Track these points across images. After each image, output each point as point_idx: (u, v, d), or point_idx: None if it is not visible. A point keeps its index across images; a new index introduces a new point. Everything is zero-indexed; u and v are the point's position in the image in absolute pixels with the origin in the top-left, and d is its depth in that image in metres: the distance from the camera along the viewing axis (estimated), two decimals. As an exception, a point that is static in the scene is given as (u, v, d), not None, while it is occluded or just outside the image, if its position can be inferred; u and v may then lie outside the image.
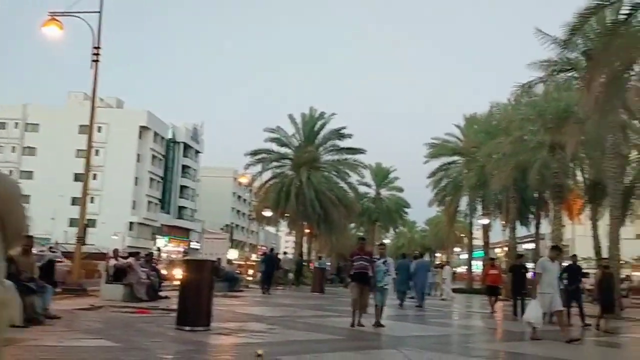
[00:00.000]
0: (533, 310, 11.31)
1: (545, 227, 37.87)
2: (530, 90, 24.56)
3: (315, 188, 37.08)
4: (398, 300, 19.61)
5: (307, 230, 42.91)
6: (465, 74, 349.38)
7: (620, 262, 23.02)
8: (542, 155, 27.41)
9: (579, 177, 30.99)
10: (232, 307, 15.85)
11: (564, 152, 25.02)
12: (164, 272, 21.35)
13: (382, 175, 60.97)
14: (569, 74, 23.00)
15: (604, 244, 23.87)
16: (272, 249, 31.12)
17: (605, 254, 23.35)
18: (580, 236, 47.71)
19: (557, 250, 12.63)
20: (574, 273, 15.98)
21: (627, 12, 15.15)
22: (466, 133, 43.76)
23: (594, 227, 29.56)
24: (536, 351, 10.56)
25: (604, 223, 23.97)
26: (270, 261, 25.24)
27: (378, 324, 11.89)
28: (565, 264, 16.52)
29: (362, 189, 56.00)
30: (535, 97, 27.82)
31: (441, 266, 42.91)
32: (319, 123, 40.30)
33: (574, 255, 17.69)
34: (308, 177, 37.27)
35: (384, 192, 61.80)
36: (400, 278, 19.04)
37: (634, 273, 45.53)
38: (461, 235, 60.79)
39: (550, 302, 11.26)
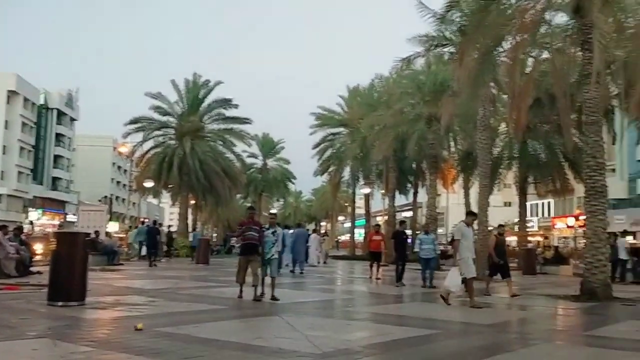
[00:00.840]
0: (453, 278, 11.32)
1: (423, 196, 39.85)
2: (410, 64, 25.41)
3: (199, 158, 36.26)
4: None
5: (192, 202, 42.07)
6: (356, 45, 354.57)
7: (489, 228, 24.74)
8: (420, 127, 28.66)
9: (453, 148, 32.83)
10: (111, 280, 15.27)
11: (439, 124, 26.26)
12: (37, 247, 20.07)
13: (269, 146, 60.95)
14: (446, 49, 24.05)
15: (475, 211, 25.45)
16: (154, 221, 30.72)
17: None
18: (454, 204, 50.78)
19: (473, 216, 13.03)
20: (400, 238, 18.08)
21: (498, -10, 15.97)
22: (350, 105, 44.69)
23: (466, 196, 31.51)
24: (414, 312, 11.14)
25: (475, 192, 25.54)
26: (152, 233, 24.79)
27: (273, 298, 11.31)
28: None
29: (249, 159, 55.85)
30: (415, 70, 28.89)
31: (326, 234, 43.98)
32: (204, 91, 39.19)
33: (402, 222, 20.06)
34: (192, 146, 36.35)
35: (271, 163, 61.96)
36: (298, 247, 20.99)
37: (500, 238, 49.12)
38: (345, 204, 62.50)
39: (472, 265, 11.54)
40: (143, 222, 35.73)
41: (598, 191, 14.18)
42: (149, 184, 37.58)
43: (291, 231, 21.86)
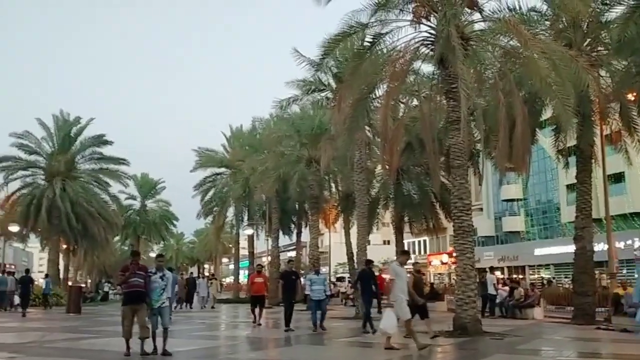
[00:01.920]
0: (389, 319, 11.00)
1: (306, 236, 40.26)
2: (288, 107, 25.97)
3: (71, 200, 34.34)
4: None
5: (63, 246, 39.58)
6: (241, 87, 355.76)
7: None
8: (301, 168, 29.15)
9: (334, 189, 33.64)
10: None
11: (319, 166, 26.88)
12: None
13: (148, 187, 59.08)
14: (323, 94, 24.88)
15: (356, 249, 26.08)
16: (27, 270, 28.34)
17: (355, 259, 25.58)
18: (337, 243, 51.64)
19: (406, 255, 13.30)
20: (367, 278, 15.56)
21: (370, 40, 16.84)
22: (232, 145, 44.62)
23: (347, 235, 32.25)
24: (301, 356, 11.07)
25: (355, 231, 26.19)
26: (26, 282, 25.04)
27: (165, 353, 10.19)
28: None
29: (127, 201, 53.74)
30: (293, 114, 29.54)
31: (214, 277, 43.00)
32: (75, 128, 37.42)
33: (369, 261, 17.15)
34: (63, 187, 34.43)
35: (150, 204, 60.02)
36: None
37: (383, 276, 50.60)
38: (229, 245, 61.60)
39: (406, 307, 11.23)
40: (4, 271, 32.46)
41: (465, 230, 15.08)
42: (14, 227, 34.94)
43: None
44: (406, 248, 42.00)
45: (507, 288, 23.63)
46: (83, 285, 46.08)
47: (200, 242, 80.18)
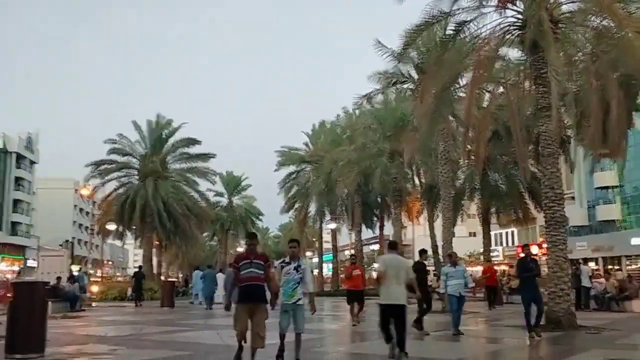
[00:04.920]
0: None
1: (389, 229, 40.08)
2: (370, 100, 25.86)
3: (163, 198, 35.83)
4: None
5: (156, 242, 41.40)
6: (326, 80, 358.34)
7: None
8: (383, 161, 28.98)
9: (417, 181, 33.25)
10: (72, 328, 14.81)
11: (402, 159, 26.62)
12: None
13: (233, 184, 60.69)
14: (405, 85, 24.60)
15: (440, 242, 25.70)
16: (140, 267, 31.60)
17: (440, 252, 25.23)
18: (420, 236, 51.09)
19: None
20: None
21: (453, 29, 16.49)
22: (314, 141, 45.01)
23: (431, 228, 31.83)
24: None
25: (440, 223, 25.81)
26: (139, 278, 27.93)
27: None
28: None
29: (215, 198, 55.49)
30: (374, 107, 29.37)
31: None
32: (167, 131, 39.07)
33: (422, 251, 14.65)
34: (155, 187, 35.96)
35: (236, 201, 61.63)
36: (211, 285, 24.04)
37: (467, 268, 49.61)
38: (313, 239, 62.32)
39: None
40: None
41: (558, 221, 14.50)
42: (111, 226, 36.91)
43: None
44: (494, 239, 41.01)
45: (602, 280, 22.56)
46: (175, 280, 48.08)
47: (285, 237, 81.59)
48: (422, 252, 14.48)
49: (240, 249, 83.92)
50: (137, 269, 30.96)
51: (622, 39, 13.93)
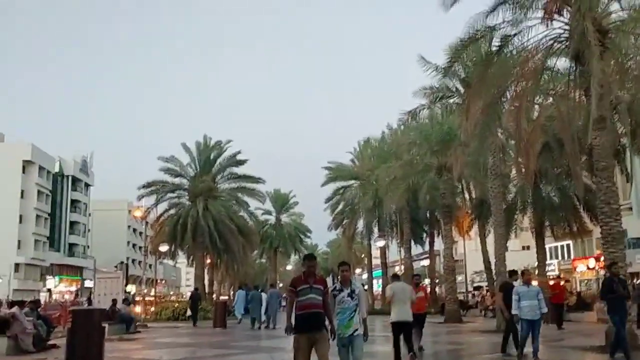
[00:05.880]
0: None
1: (439, 244, 39.54)
2: (416, 116, 25.70)
3: (213, 218, 36.44)
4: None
5: (208, 261, 42.04)
6: (369, 96, 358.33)
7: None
8: (430, 176, 28.72)
9: (467, 196, 32.73)
10: (128, 352, 15.14)
11: (450, 174, 26.30)
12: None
13: (281, 202, 61.20)
14: (451, 100, 24.35)
15: (493, 258, 25.14)
16: (196, 289, 32.85)
17: (493, 268, 24.64)
18: (472, 251, 50.18)
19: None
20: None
21: (499, 44, 16.30)
22: (361, 157, 45.02)
23: (482, 243, 31.19)
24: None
25: (492, 238, 25.28)
26: (195, 299, 28.93)
27: None
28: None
29: (263, 216, 56.05)
30: (421, 121, 29.16)
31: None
32: (215, 151, 39.83)
33: (512, 272, 14.38)
34: (205, 207, 36.60)
35: (284, 218, 62.12)
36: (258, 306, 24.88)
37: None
38: (361, 255, 62.06)
39: None
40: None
41: (615, 237, 14.01)
42: (163, 247, 37.71)
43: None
44: (549, 253, 39.84)
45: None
46: (226, 297, 48.56)
47: (333, 253, 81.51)
48: (512, 272, 13.86)
49: (290, 267, 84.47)
50: (193, 290, 31.95)
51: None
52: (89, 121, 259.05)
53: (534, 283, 14.41)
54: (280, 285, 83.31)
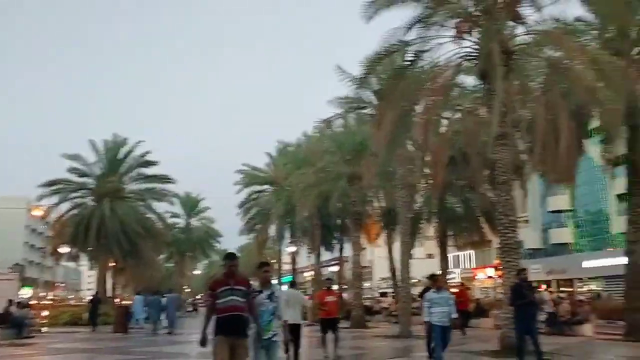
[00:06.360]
0: None
1: (349, 251, 40.15)
2: (330, 125, 26.06)
3: (120, 219, 35.12)
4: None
5: (111, 264, 40.43)
6: (289, 103, 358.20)
7: (412, 281, 25.24)
8: (342, 184, 29.13)
9: (376, 204, 33.47)
10: (18, 358, 14.29)
11: (361, 182, 26.83)
12: None
13: (191, 205, 60.08)
14: (365, 111, 24.89)
15: (399, 265, 25.85)
16: (97, 292, 32.45)
17: (399, 274, 25.35)
18: (380, 258, 51.41)
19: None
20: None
21: (411, 58, 16.86)
22: (276, 163, 44.92)
23: (389, 250, 32.02)
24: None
25: (398, 245, 25.98)
26: (95, 302, 28.41)
27: None
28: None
29: (172, 219, 54.68)
30: (336, 131, 29.62)
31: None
32: (124, 150, 38.39)
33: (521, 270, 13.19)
34: (112, 208, 35.24)
35: (195, 222, 60.95)
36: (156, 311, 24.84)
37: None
38: (272, 261, 61.89)
39: None
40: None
41: (512, 247, 14.79)
42: (64, 249, 35.96)
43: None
44: (451, 262, 41.45)
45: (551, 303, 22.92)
46: (130, 302, 46.90)
47: (244, 258, 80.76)
48: (521, 270, 12.95)
49: (198, 272, 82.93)
50: (93, 295, 31.22)
51: (572, 69, 14.45)
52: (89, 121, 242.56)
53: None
54: (189, 290, 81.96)
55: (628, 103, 15.49)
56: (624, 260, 18.75)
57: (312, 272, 40.03)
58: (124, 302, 39.25)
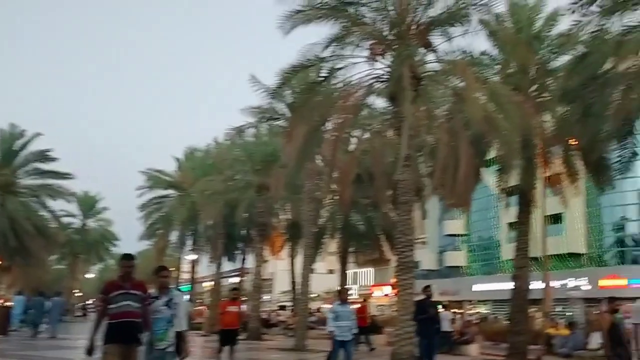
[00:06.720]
0: None
1: (251, 262, 39.88)
2: (242, 133, 25.99)
3: (9, 215, 33.01)
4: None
5: (-3, 262, 37.86)
6: (200, 108, 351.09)
7: (311, 295, 25.50)
8: (250, 194, 29.04)
9: (283, 217, 33.60)
10: None
11: (269, 193, 26.86)
12: None
13: (88, 205, 57.53)
14: (277, 122, 25.04)
15: (299, 279, 26.05)
16: None
17: (299, 288, 25.51)
18: (282, 270, 51.48)
19: None
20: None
21: (325, 74, 17.19)
22: (183, 168, 43.99)
23: (292, 263, 32.17)
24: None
25: (301, 259, 26.18)
26: None
27: None
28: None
29: (67, 219, 52.07)
30: (247, 140, 29.55)
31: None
32: (20, 142, 36.22)
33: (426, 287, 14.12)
34: (2, 202, 33.12)
35: (91, 223, 58.40)
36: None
37: (324, 305, 50.56)
38: (172, 269, 60.35)
39: None
40: None
41: (408, 266, 15.31)
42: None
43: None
44: (349, 278, 42.13)
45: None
46: (11, 303, 44.01)
47: (142, 264, 78.15)
48: (426, 288, 13.45)
49: (91, 275, 79.25)
50: None
51: (472, 100, 15.25)
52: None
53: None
54: (80, 294, 78.04)
55: (523, 136, 16.57)
56: (511, 285, 19.84)
57: (212, 282, 39.35)
58: (7, 303, 36.85)
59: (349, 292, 14.76)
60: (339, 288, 12.64)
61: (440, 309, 18.10)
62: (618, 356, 9.15)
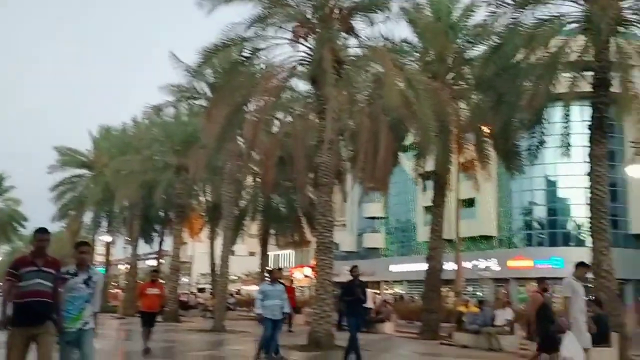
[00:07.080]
0: (572, 346, 8.96)
1: (169, 245, 39.13)
2: (160, 112, 25.31)
3: None
4: None
5: None
6: (117, 85, 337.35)
7: (231, 277, 25.40)
8: (169, 175, 28.40)
9: (202, 199, 33.14)
10: None
11: (188, 174, 26.37)
12: None
13: (-6, 183, 54.37)
14: (198, 102, 24.55)
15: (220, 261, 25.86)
16: None
17: (218, 270, 25.36)
18: (201, 253, 50.89)
19: (586, 267, 10.19)
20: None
21: (248, 54, 17.00)
22: (98, 147, 42.32)
23: (211, 246, 31.87)
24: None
25: (221, 241, 25.96)
26: None
27: None
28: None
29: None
30: (166, 119, 28.80)
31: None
32: None
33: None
34: None
35: (-3, 203, 55.22)
36: None
37: (243, 287, 50.55)
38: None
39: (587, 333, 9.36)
40: None
41: (326, 246, 15.57)
42: None
43: None
44: (271, 260, 42.27)
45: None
46: None
47: (54, 246, 74.93)
48: (354, 268, 12.77)
49: (-1, 258, 75.18)
50: None
51: (391, 85, 15.55)
52: None
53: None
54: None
55: (439, 122, 17.13)
56: (425, 266, 20.59)
57: (128, 265, 38.35)
58: None
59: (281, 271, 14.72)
60: (269, 268, 12.49)
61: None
62: (550, 332, 9.76)
